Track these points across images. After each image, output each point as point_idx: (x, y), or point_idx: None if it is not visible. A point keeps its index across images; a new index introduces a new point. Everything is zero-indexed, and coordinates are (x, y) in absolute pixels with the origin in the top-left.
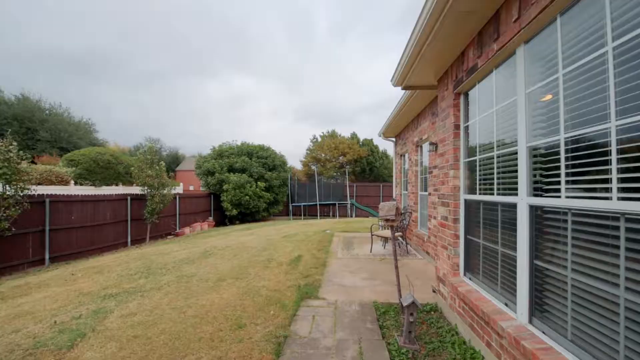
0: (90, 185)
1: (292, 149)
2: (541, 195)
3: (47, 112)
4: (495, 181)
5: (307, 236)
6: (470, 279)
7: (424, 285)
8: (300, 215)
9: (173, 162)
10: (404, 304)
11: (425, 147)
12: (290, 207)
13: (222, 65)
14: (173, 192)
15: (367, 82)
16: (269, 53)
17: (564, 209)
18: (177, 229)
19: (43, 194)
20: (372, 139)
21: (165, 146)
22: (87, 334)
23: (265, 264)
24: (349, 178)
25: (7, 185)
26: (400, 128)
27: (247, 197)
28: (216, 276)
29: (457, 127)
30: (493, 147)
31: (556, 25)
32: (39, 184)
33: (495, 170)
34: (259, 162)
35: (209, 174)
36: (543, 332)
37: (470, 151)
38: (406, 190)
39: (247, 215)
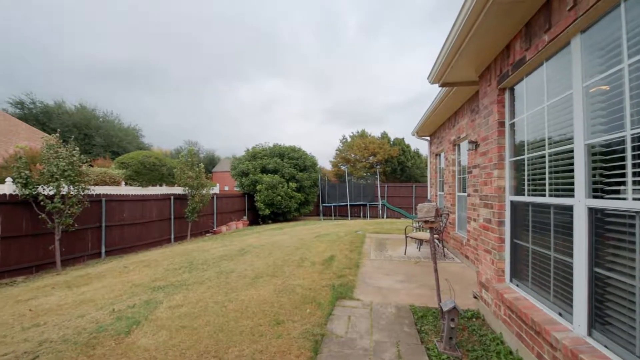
0: (138, 185)
1: (322, 149)
2: (602, 197)
3: (101, 119)
4: (547, 182)
5: (338, 237)
6: (517, 285)
7: (464, 291)
8: (331, 215)
9: (209, 164)
10: (445, 309)
11: (464, 145)
12: (321, 208)
13: (253, 69)
14: (211, 192)
15: (397, 80)
16: (298, 55)
17: (631, 212)
18: (215, 227)
19: (100, 194)
20: (403, 138)
21: (202, 149)
22: (141, 322)
23: (299, 263)
24: (379, 178)
25: (71, 186)
26: (435, 126)
27: (279, 197)
28: (253, 273)
29: (501, 124)
30: (544, 145)
31: (620, 12)
32: (96, 184)
33: (546, 170)
34: (290, 163)
35: (243, 175)
36: (605, 347)
37: (517, 150)
38: (442, 191)
39: (279, 215)
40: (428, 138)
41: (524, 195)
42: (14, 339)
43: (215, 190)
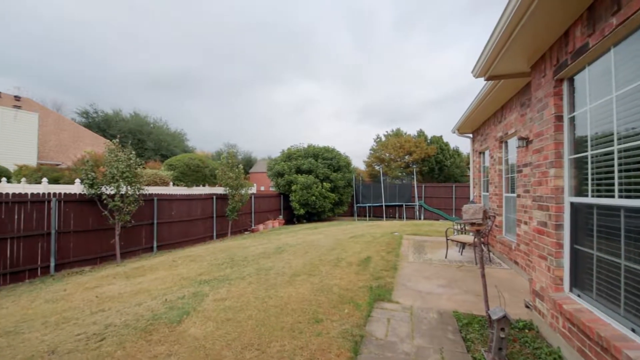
0: (184, 186)
1: (355, 149)
2: None
3: (152, 125)
4: (617, 181)
5: (374, 237)
6: (578, 296)
7: (514, 299)
8: (365, 216)
9: (247, 165)
10: (494, 317)
11: (512, 142)
12: (355, 208)
13: (287, 72)
14: (249, 192)
15: (434, 76)
16: (332, 55)
17: None
18: (253, 225)
19: (152, 193)
20: (441, 136)
21: (240, 150)
22: (190, 312)
23: (335, 263)
24: (416, 178)
25: (128, 186)
26: (479, 123)
27: (314, 197)
28: (291, 271)
29: (558, 118)
30: (612, 141)
31: None
32: (148, 185)
33: (615, 169)
34: (324, 163)
35: (279, 175)
36: None
37: (578, 146)
38: (487, 191)
39: (313, 214)
40: (470, 135)
41: (586, 196)
42: (84, 321)
43: (253, 190)
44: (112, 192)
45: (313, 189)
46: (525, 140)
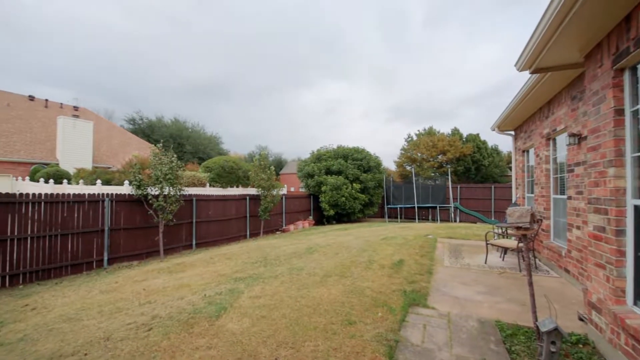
0: (219, 187)
1: (385, 149)
2: None
3: (190, 130)
4: None
5: (406, 240)
6: None
7: (564, 310)
8: (396, 217)
9: (277, 166)
10: (543, 329)
11: (561, 139)
12: (386, 209)
13: (316, 74)
14: (280, 193)
15: (469, 72)
16: (361, 55)
17: None
18: (284, 225)
19: (191, 194)
20: (478, 134)
21: (271, 152)
22: (227, 308)
23: (367, 265)
24: (450, 179)
25: (170, 187)
26: (522, 119)
27: (343, 198)
28: (322, 272)
29: (619, 112)
30: None
31: None
32: (187, 186)
33: None
34: (354, 164)
35: (309, 176)
36: None
37: None
38: (531, 192)
39: (343, 215)
40: (512, 133)
41: None
42: (134, 312)
43: (284, 191)
44: (157, 193)
45: (343, 189)
46: (577, 137)
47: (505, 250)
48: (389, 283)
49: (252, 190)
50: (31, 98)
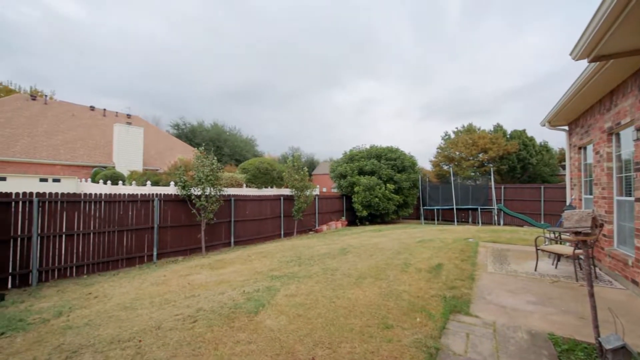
0: (255, 187)
1: (420, 148)
2: None
3: (227, 133)
4: None
5: (445, 243)
6: None
7: (632, 327)
8: (433, 219)
9: (310, 167)
10: (607, 347)
11: (626, 134)
12: (421, 211)
13: (348, 74)
14: (313, 193)
15: (511, 63)
16: (393, 53)
17: None
18: (317, 226)
19: (230, 194)
20: (524, 130)
21: (303, 153)
22: (265, 305)
23: (403, 268)
24: (493, 178)
25: (211, 188)
26: (577, 112)
27: (377, 199)
28: (357, 273)
29: None
30: None
31: None
32: (226, 187)
33: None
34: (387, 164)
35: (341, 177)
36: None
37: None
38: (589, 193)
39: (376, 216)
40: (566, 128)
41: None
42: (180, 304)
43: (316, 191)
44: (199, 193)
45: (376, 190)
46: None
47: (558, 257)
48: (427, 287)
49: (286, 191)
50: (92, 108)
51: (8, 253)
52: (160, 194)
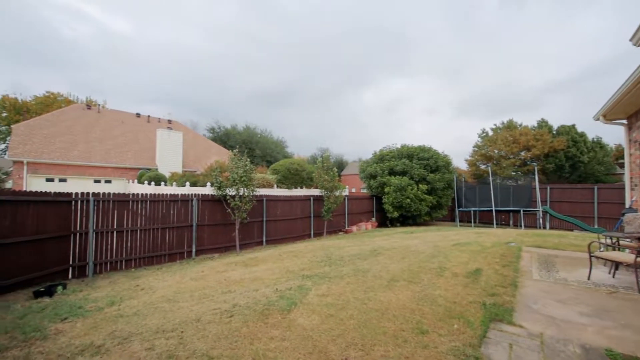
0: (285, 188)
1: (454, 147)
2: None
3: (259, 135)
4: None
5: (483, 247)
6: None
7: None
8: (469, 221)
9: (339, 168)
10: None
11: None
12: (456, 212)
13: (378, 72)
14: (343, 194)
15: (557, 52)
16: (426, 48)
17: None
18: (346, 226)
19: (262, 195)
20: (573, 125)
21: (332, 154)
22: (297, 303)
23: (438, 272)
24: (537, 178)
25: (245, 188)
26: (639, 104)
27: (408, 200)
28: (388, 275)
29: None
30: None
31: None
32: (258, 187)
33: None
34: (419, 164)
35: (371, 177)
36: None
37: None
38: None
39: (408, 218)
40: (624, 122)
41: None
42: (218, 299)
43: (346, 192)
44: (233, 193)
45: (407, 191)
46: None
47: (616, 265)
48: (464, 293)
49: (315, 191)
50: (137, 115)
51: (69, 247)
52: (198, 194)
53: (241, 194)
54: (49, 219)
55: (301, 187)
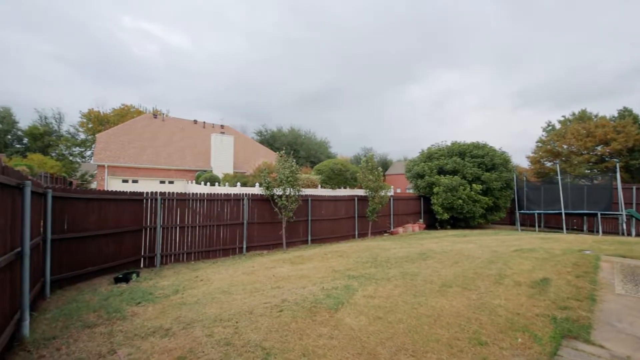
0: (329, 188)
1: (513, 143)
2: None
3: (303, 137)
4: None
5: (551, 255)
6: None
7: None
8: (533, 225)
9: (383, 167)
10: None
11: None
12: (517, 215)
13: (424, 66)
14: (388, 194)
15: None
16: (479, 36)
17: None
18: (391, 228)
19: (307, 194)
20: None
21: (376, 153)
22: (344, 303)
23: (497, 279)
24: (619, 177)
25: (291, 188)
26: None
27: (460, 200)
28: (440, 280)
29: None
30: None
31: None
32: (303, 187)
33: None
34: (473, 162)
35: (419, 176)
36: None
37: None
38: None
39: (459, 220)
40: None
41: None
42: (267, 293)
43: (391, 192)
44: (280, 193)
45: (459, 191)
46: None
47: None
48: (529, 304)
49: (359, 191)
50: (195, 122)
51: (141, 239)
52: (249, 194)
53: (287, 193)
54: (125, 215)
55: (345, 187)
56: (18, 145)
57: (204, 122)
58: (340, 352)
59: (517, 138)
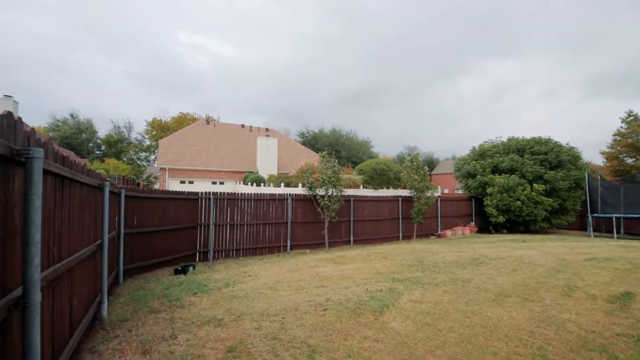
0: (372, 188)
1: (583, 137)
2: None
3: (344, 137)
4: None
5: (634, 265)
6: None
7: None
8: (610, 231)
9: (428, 167)
10: None
11: None
12: (589, 219)
13: (475, 56)
14: (435, 195)
15: None
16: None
17: None
18: (439, 230)
19: (349, 195)
20: None
21: (421, 152)
22: (389, 306)
23: (565, 291)
24: None
25: (333, 189)
26: None
27: (519, 202)
28: (496, 289)
29: None
30: None
31: None
32: (345, 188)
33: None
34: (533, 159)
35: (469, 176)
36: None
37: None
38: None
39: (517, 224)
40: None
41: None
42: (311, 292)
43: (437, 193)
44: (323, 193)
45: (517, 191)
46: None
47: None
48: (607, 322)
49: (404, 192)
50: (242, 126)
51: (196, 235)
52: (292, 194)
53: (330, 193)
54: (183, 213)
55: (387, 188)
56: (97, 152)
57: (251, 126)
58: (387, 356)
59: (587, 131)
